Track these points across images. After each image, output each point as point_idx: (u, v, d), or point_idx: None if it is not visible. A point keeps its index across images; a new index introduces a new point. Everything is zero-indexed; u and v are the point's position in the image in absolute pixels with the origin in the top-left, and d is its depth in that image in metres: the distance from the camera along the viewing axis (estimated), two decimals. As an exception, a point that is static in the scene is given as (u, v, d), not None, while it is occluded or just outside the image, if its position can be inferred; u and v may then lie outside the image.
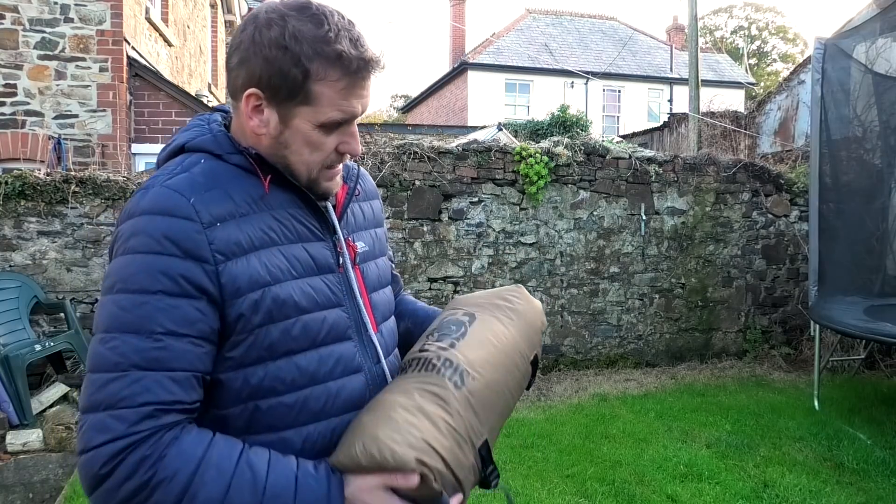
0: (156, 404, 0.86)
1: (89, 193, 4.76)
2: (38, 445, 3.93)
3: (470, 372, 1.02)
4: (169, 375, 0.88)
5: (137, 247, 0.90)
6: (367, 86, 1.00)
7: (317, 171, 1.03)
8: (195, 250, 0.91)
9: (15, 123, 6.70)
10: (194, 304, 0.91)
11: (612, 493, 3.40)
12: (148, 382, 0.87)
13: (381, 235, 1.25)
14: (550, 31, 24.16)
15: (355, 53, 0.97)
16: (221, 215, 0.95)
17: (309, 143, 1.00)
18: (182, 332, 0.89)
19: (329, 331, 1.03)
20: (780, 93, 9.75)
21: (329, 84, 0.97)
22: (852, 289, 4.94)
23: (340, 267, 1.08)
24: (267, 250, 0.98)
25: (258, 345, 0.96)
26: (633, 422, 4.46)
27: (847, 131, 5.15)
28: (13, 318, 4.38)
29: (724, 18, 37.12)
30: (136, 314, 0.88)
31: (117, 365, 0.87)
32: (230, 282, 0.93)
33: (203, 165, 1.00)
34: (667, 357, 6.01)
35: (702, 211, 6.07)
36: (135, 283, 0.89)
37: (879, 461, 3.79)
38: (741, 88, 22.88)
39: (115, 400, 0.86)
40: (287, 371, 0.98)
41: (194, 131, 1.06)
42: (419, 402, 0.97)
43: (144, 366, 0.87)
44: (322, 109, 0.98)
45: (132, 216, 0.93)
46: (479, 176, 5.50)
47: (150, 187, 0.96)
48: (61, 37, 6.78)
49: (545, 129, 13.93)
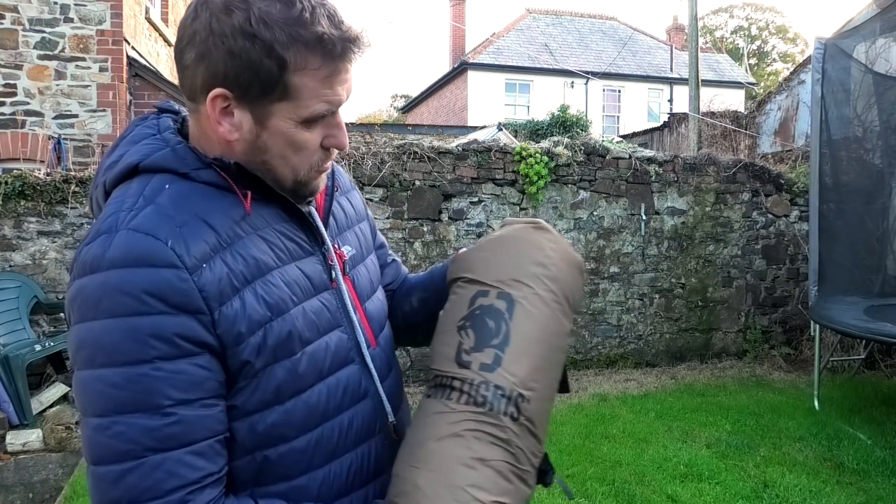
0: (187, 487, 0.76)
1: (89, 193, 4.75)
2: (38, 445, 3.93)
3: (525, 395, 0.88)
4: (190, 450, 0.77)
5: (115, 310, 0.75)
6: (350, 68, 0.86)
7: (304, 173, 0.89)
8: (186, 303, 0.77)
9: (15, 123, 6.70)
10: (197, 361, 0.78)
11: (612, 493, 3.40)
12: (170, 465, 0.75)
13: (365, 230, 1.11)
14: (550, 31, 24.16)
15: (337, 34, 0.82)
16: (205, 253, 0.80)
17: (292, 143, 0.85)
18: (193, 399, 0.77)
19: (333, 357, 0.91)
20: (780, 93, 9.75)
21: (310, 73, 0.82)
22: (852, 289, 4.93)
23: (333, 282, 0.95)
24: (261, 280, 0.85)
25: (263, 388, 0.84)
26: (633, 422, 4.46)
27: (847, 131, 5.15)
28: (13, 318, 4.38)
29: (724, 18, 37.13)
30: (135, 390, 0.75)
31: (128, 453, 0.74)
32: (228, 330, 0.81)
33: (169, 192, 0.83)
34: (667, 357, 6.01)
35: (702, 211, 6.07)
36: (123, 355, 0.75)
37: (879, 461, 3.78)
38: (741, 88, 22.88)
39: (137, 493, 0.74)
40: (296, 413, 0.87)
41: (146, 146, 0.88)
42: (477, 451, 0.84)
43: (161, 447, 0.75)
44: (304, 103, 0.83)
45: (96, 270, 0.77)
46: (479, 176, 5.50)
47: (112, 231, 0.79)
48: (61, 37, 6.78)
49: (545, 129, 13.93)
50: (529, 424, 0.88)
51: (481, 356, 0.89)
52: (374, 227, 1.18)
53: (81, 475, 3.57)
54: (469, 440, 0.84)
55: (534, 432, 0.89)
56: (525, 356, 0.90)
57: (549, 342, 0.93)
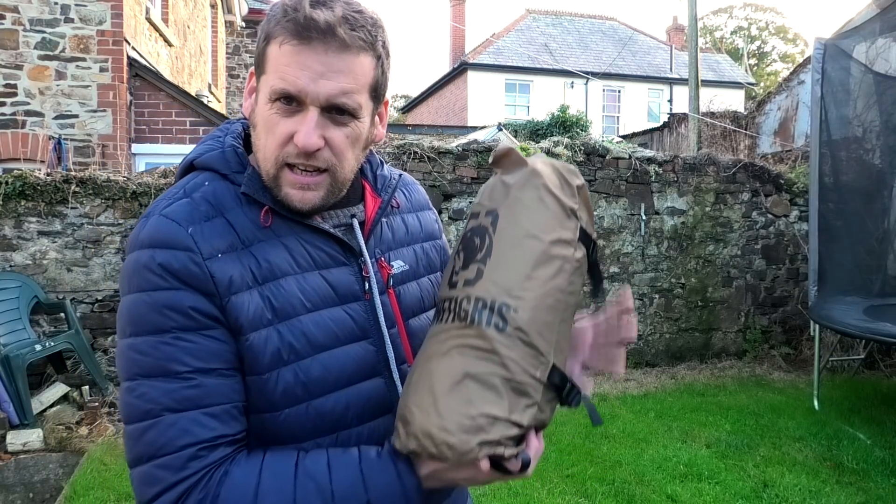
0: (198, 444, 0.81)
1: (89, 193, 4.76)
2: (38, 445, 3.93)
3: (509, 304, 0.86)
4: (205, 412, 0.82)
5: (141, 284, 0.83)
6: (322, 60, 0.84)
7: (272, 163, 0.88)
8: (198, 282, 0.83)
9: (15, 123, 6.70)
10: (213, 333, 0.84)
11: (612, 493, 3.41)
12: (185, 423, 0.81)
13: (430, 251, 1.09)
14: (550, 32, 24.17)
15: (304, 12, 0.83)
16: (221, 247, 0.86)
17: (264, 121, 0.88)
18: (210, 367, 0.83)
19: (355, 368, 0.91)
20: (780, 93, 9.75)
21: (277, 44, 0.85)
22: (852, 289, 4.94)
23: (367, 293, 0.95)
24: (274, 283, 0.87)
25: (271, 389, 0.86)
26: (632, 422, 4.46)
27: (847, 131, 5.15)
28: (13, 318, 4.38)
29: (724, 18, 37.14)
30: (157, 356, 0.82)
31: (149, 412, 0.81)
32: (234, 319, 0.85)
33: (206, 189, 0.90)
34: (667, 357, 6.02)
35: (702, 211, 6.08)
36: (146, 324, 0.83)
37: (879, 461, 3.79)
38: (741, 88, 22.89)
39: (155, 449, 0.81)
40: (308, 417, 0.88)
41: (206, 145, 0.97)
42: (463, 366, 0.85)
43: (177, 407, 0.81)
44: (269, 76, 0.86)
45: (133, 249, 0.86)
46: (479, 176, 5.50)
47: (150, 215, 0.88)
48: (61, 37, 6.78)
49: (545, 129, 13.94)
50: (521, 334, 0.85)
51: (466, 273, 0.90)
52: (444, 251, 1.15)
53: (81, 475, 3.57)
54: (454, 357, 0.85)
55: (528, 342, 0.85)
56: (508, 263, 0.88)
57: (536, 240, 0.89)
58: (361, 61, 0.86)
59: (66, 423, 4.17)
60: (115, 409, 4.44)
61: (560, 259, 0.90)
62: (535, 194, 0.92)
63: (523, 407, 0.85)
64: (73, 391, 4.54)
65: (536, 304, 0.87)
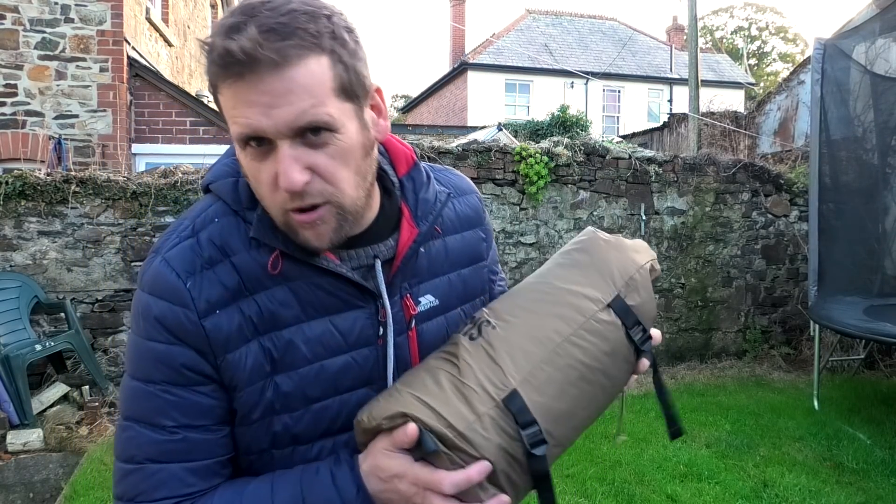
0: (175, 498, 0.81)
1: (90, 193, 4.76)
2: (38, 445, 3.93)
3: (491, 322, 0.86)
4: (187, 467, 0.82)
5: (139, 330, 0.83)
6: (262, 90, 0.72)
7: (278, 213, 0.79)
8: (192, 340, 0.81)
9: (15, 123, 6.71)
10: (203, 390, 0.82)
11: (612, 492, 3.41)
12: (164, 476, 0.81)
13: (468, 277, 0.99)
14: (550, 32, 24.17)
15: (217, 50, 0.72)
16: (222, 300, 0.81)
17: (248, 171, 0.80)
18: (197, 424, 0.82)
19: (349, 416, 0.86)
20: (780, 93, 9.75)
21: (221, 90, 0.75)
22: (852, 289, 4.94)
23: (380, 338, 0.88)
24: (276, 333, 0.83)
25: (260, 436, 0.85)
26: (633, 422, 4.46)
27: (847, 131, 5.16)
28: (13, 318, 4.38)
29: (724, 18, 37.13)
30: (147, 406, 0.82)
31: (133, 457, 0.82)
32: (230, 377, 0.82)
33: (213, 228, 0.84)
34: (666, 357, 6.02)
35: (702, 211, 6.08)
36: (141, 371, 0.82)
37: (879, 461, 3.79)
38: (741, 88, 22.89)
39: (135, 493, 0.82)
40: (293, 461, 0.86)
41: (224, 165, 0.89)
42: (428, 364, 0.85)
43: (161, 459, 0.81)
44: (230, 124, 0.77)
45: (139, 287, 0.85)
46: (479, 176, 5.50)
47: (157, 254, 0.84)
48: (62, 37, 6.78)
49: (545, 129, 13.94)
50: (487, 347, 0.83)
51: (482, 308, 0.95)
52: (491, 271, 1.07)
53: (81, 475, 3.58)
54: (428, 360, 0.86)
55: (492, 356, 0.82)
56: (509, 297, 0.91)
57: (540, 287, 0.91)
58: (308, 69, 0.73)
59: (66, 422, 4.17)
60: (115, 409, 4.44)
61: (571, 307, 0.86)
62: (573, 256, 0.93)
63: (460, 409, 0.78)
64: (73, 391, 4.55)
65: (520, 330, 0.85)
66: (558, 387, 0.83)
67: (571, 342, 0.84)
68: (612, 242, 0.95)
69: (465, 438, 0.77)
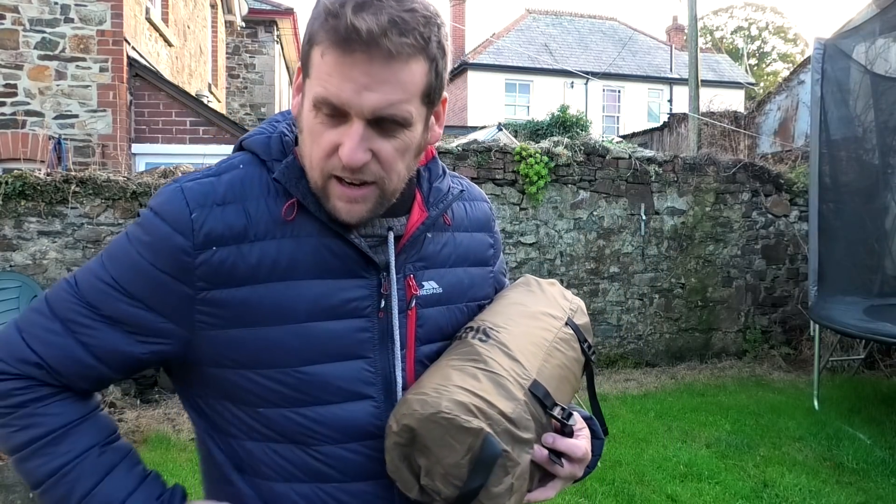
0: (41, 362, 0.85)
1: (90, 193, 4.76)
2: (38, 445, 3.93)
3: (493, 328, 0.92)
4: (78, 352, 0.85)
5: (133, 235, 0.85)
6: (367, 71, 0.76)
7: (319, 173, 0.82)
8: (176, 272, 0.82)
9: (15, 123, 6.70)
10: (153, 318, 0.84)
11: (612, 492, 3.41)
12: (54, 340, 0.85)
13: (475, 276, 1.01)
14: (550, 32, 24.17)
15: (345, 21, 0.74)
16: (222, 238, 0.82)
17: (309, 128, 0.82)
18: (109, 348, 0.85)
19: (345, 386, 0.86)
20: (780, 93, 9.76)
21: (319, 51, 0.78)
22: (852, 289, 4.94)
23: (381, 311, 0.88)
24: (272, 284, 0.83)
25: (244, 382, 0.84)
26: (632, 422, 4.46)
27: (847, 131, 5.16)
28: (13, 318, 4.38)
29: (724, 18, 37.12)
30: (97, 292, 0.84)
31: (53, 310, 0.86)
32: (210, 310, 0.83)
33: (237, 172, 0.87)
34: (667, 357, 6.02)
35: (702, 211, 6.08)
36: (113, 266, 0.85)
37: (879, 461, 3.79)
38: (741, 88, 22.88)
39: (28, 328, 0.87)
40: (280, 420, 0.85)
41: (260, 128, 0.94)
42: (447, 362, 0.88)
43: (70, 329, 0.85)
44: (313, 82, 0.80)
45: (149, 204, 0.87)
46: (479, 176, 5.50)
47: (178, 182, 0.86)
48: (61, 37, 6.78)
49: (545, 129, 13.93)
50: (503, 347, 0.90)
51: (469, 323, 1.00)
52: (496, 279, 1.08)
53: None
54: (441, 362, 0.90)
55: (510, 355, 0.89)
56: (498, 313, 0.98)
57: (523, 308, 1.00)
58: (411, 69, 0.78)
59: (66, 422, 4.16)
60: (115, 409, 4.44)
61: (546, 320, 0.99)
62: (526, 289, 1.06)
63: (502, 396, 0.84)
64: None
65: (520, 334, 0.93)
66: (556, 382, 0.94)
67: (555, 347, 0.96)
68: (547, 281, 1.10)
69: (513, 422, 0.83)
